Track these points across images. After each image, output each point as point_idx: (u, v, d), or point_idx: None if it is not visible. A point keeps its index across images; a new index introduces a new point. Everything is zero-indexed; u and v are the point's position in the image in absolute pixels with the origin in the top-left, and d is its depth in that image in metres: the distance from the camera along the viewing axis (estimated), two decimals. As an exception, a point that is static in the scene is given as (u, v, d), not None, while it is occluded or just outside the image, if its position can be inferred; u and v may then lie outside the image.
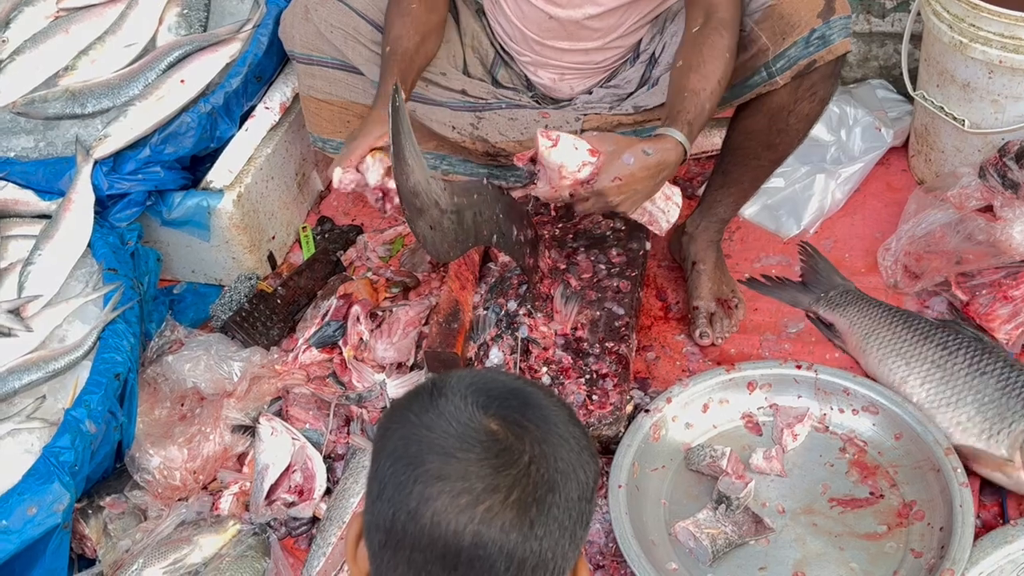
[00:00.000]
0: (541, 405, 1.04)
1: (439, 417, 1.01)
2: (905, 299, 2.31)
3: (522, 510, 0.97)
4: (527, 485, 0.98)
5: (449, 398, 1.02)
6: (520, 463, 0.98)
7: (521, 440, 1.00)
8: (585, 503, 1.03)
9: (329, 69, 2.26)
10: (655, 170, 1.82)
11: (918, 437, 1.98)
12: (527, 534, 0.97)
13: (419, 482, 0.98)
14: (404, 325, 2.26)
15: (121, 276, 2.23)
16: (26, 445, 1.98)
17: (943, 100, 2.40)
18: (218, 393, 2.22)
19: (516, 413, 1.02)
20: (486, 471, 0.97)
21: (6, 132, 2.50)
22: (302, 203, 2.77)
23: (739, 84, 2.05)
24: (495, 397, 1.03)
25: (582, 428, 1.07)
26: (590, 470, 1.04)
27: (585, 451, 1.05)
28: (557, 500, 0.99)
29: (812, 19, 1.95)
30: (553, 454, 1.01)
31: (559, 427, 1.03)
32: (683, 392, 2.10)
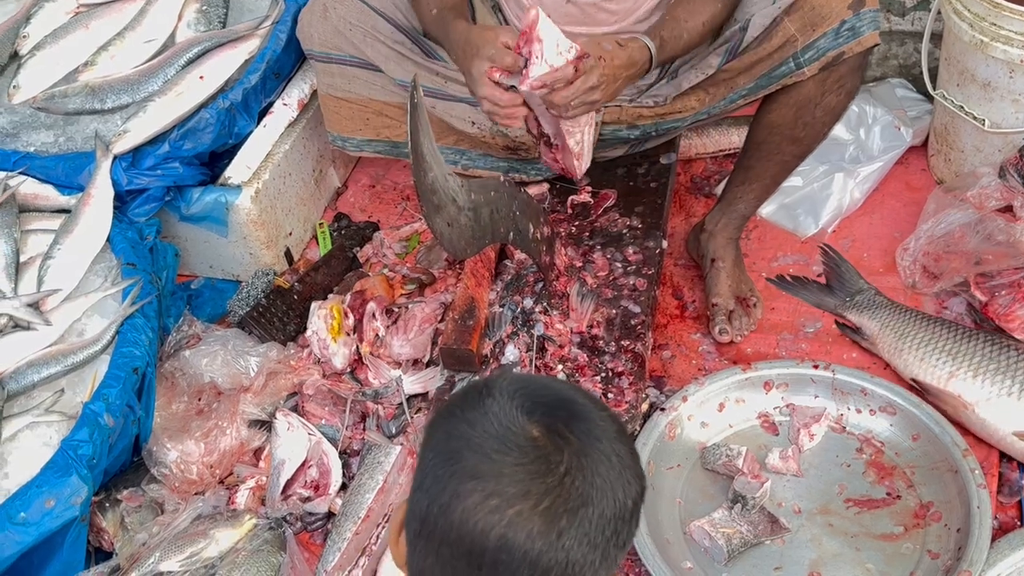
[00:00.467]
0: (588, 418, 1.04)
1: (483, 416, 1.01)
2: (924, 299, 2.30)
3: (551, 520, 0.97)
4: (559, 495, 0.98)
5: (496, 398, 1.03)
6: (556, 473, 0.98)
7: (560, 450, 1.00)
8: (622, 523, 1.02)
9: (348, 67, 2.26)
10: (627, 61, 1.87)
11: (935, 438, 1.97)
12: (553, 544, 0.97)
13: (454, 477, 0.99)
14: (420, 322, 2.27)
15: (140, 271, 2.24)
16: (44, 438, 2.00)
17: (963, 99, 2.39)
18: (235, 388, 2.23)
19: (560, 423, 1.02)
20: (520, 476, 0.98)
21: (26, 127, 2.52)
22: (319, 199, 2.78)
23: (765, 74, 2.05)
24: (542, 404, 1.03)
25: (630, 447, 1.06)
26: (631, 490, 1.04)
27: (629, 471, 1.04)
28: (589, 515, 0.99)
29: (843, 10, 1.95)
30: (592, 468, 1.00)
31: (603, 443, 1.03)
32: (699, 391, 2.10)
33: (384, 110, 2.33)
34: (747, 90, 2.11)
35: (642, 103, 2.22)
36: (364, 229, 2.70)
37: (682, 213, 2.62)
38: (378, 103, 2.34)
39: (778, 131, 2.12)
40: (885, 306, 2.23)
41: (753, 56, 2.05)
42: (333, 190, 2.85)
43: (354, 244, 2.65)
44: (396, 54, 2.20)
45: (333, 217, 2.77)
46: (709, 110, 2.18)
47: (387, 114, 2.33)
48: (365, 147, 2.39)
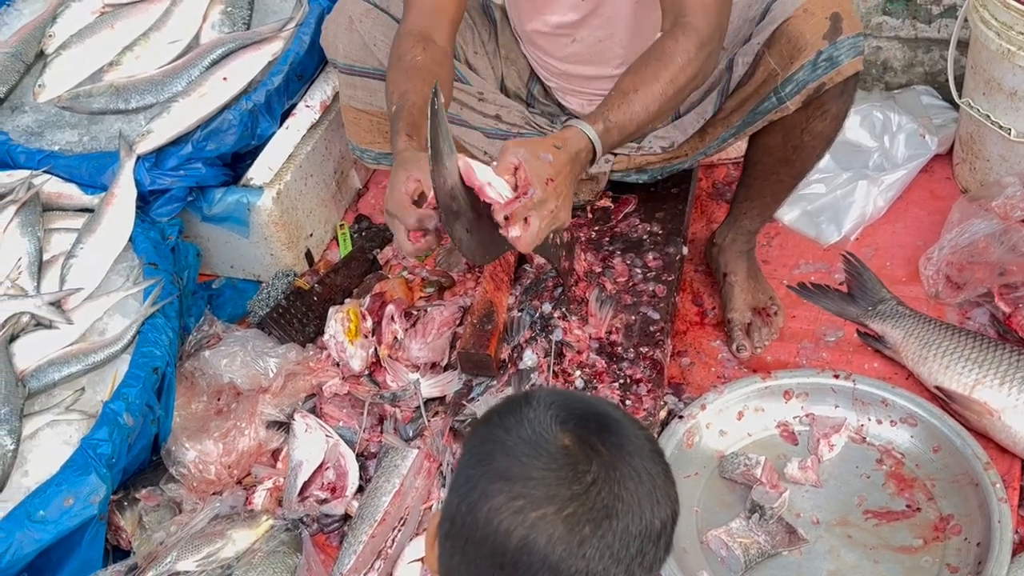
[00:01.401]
0: (622, 434, 1.05)
1: (519, 422, 1.04)
2: (947, 310, 2.28)
3: (573, 527, 0.98)
4: (584, 504, 0.99)
5: (534, 407, 1.05)
6: (583, 481, 1.00)
7: (589, 460, 1.01)
8: (648, 543, 1.03)
9: (371, 80, 2.25)
10: (571, 163, 1.67)
11: (956, 450, 1.95)
12: (574, 551, 0.98)
13: (484, 478, 1.01)
14: (439, 325, 2.27)
15: (161, 271, 2.25)
16: (64, 436, 2.01)
17: (989, 108, 2.36)
18: (254, 389, 2.23)
19: (592, 434, 1.03)
20: (548, 480, 0.99)
21: (51, 126, 2.54)
22: (340, 201, 2.78)
23: (751, 111, 2.03)
24: (576, 415, 1.05)
25: (664, 469, 1.07)
26: (660, 511, 1.04)
27: (660, 491, 1.04)
28: (613, 528, 1.00)
29: (818, 41, 1.88)
30: (620, 482, 1.01)
31: (634, 459, 1.03)
32: (718, 399, 2.09)
33: None
34: (735, 127, 2.08)
35: (651, 150, 2.21)
36: (385, 231, 2.70)
37: (703, 219, 2.61)
38: None
39: (770, 153, 2.10)
40: (908, 315, 2.21)
41: (742, 94, 2.03)
42: (354, 192, 2.86)
43: (374, 246, 2.65)
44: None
45: (354, 219, 2.78)
46: (706, 150, 2.18)
47: None
48: (383, 160, 2.39)
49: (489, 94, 2.23)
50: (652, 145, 2.21)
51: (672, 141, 2.18)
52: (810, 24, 1.89)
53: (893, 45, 2.77)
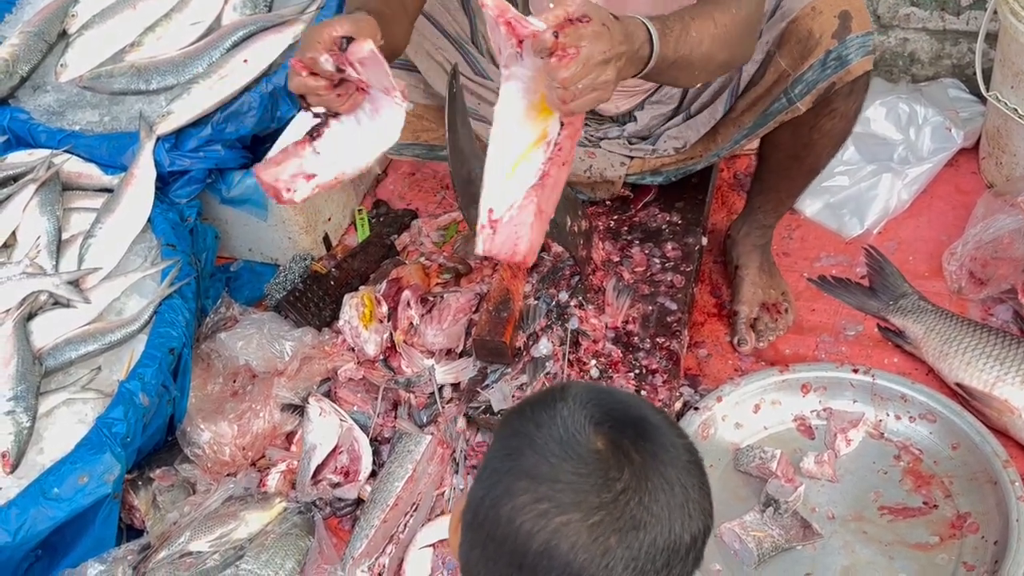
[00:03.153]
0: (658, 441, 1.01)
1: (552, 419, 1.00)
2: (969, 305, 2.25)
3: (598, 536, 0.95)
4: (611, 513, 0.96)
5: (568, 404, 1.01)
6: (612, 489, 0.96)
7: (621, 467, 0.97)
8: (676, 557, 0.99)
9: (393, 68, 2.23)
10: (626, 37, 1.43)
11: (976, 447, 1.93)
12: (596, 561, 0.95)
13: (510, 474, 0.98)
14: (454, 312, 2.26)
15: (179, 252, 2.25)
16: (80, 415, 2.02)
17: (1018, 102, 2.32)
18: (269, 371, 2.24)
19: (627, 440, 0.99)
20: (576, 485, 0.96)
21: (72, 106, 2.54)
22: (358, 186, 2.78)
23: (762, 113, 1.99)
24: (613, 417, 1.01)
25: (701, 481, 1.03)
26: (692, 525, 1.00)
27: (693, 504, 1.01)
28: (640, 540, 0.96)
29: (827, 40, 1.85)
30: (651, 493, 0.97)
31: (669, 469, 1.00)
32: (734, 391, 2.07)
33: (424, 113, 2.30)
34: (748, 129, 2.05)
35: (665, 152, 2.19)
36: (402, 217, 2.70)
37: (724, 210, 2.59)
38: (419, 106, 2.30)
39: (780, 149, 2.08)
40: (930, 311, 2.18)
41: (753, 94, 2.00)
42: (373, 177, 2.85)
43: (392, 232, 2.64)
44: (436, 65, 2.17)
45: (372, 204, 2.77)
46: (719, 152, 2.15)
47: (427, 117, 2.30)
48: (404, 151, 2.37)
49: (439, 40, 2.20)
50: (666, 146, 2.19)
51: (685, 141, 2.16)
52: (818, 22, 1.86)
53: (920, 37, 2.73)
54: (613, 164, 2.22)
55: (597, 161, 2.23)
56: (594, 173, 2.24)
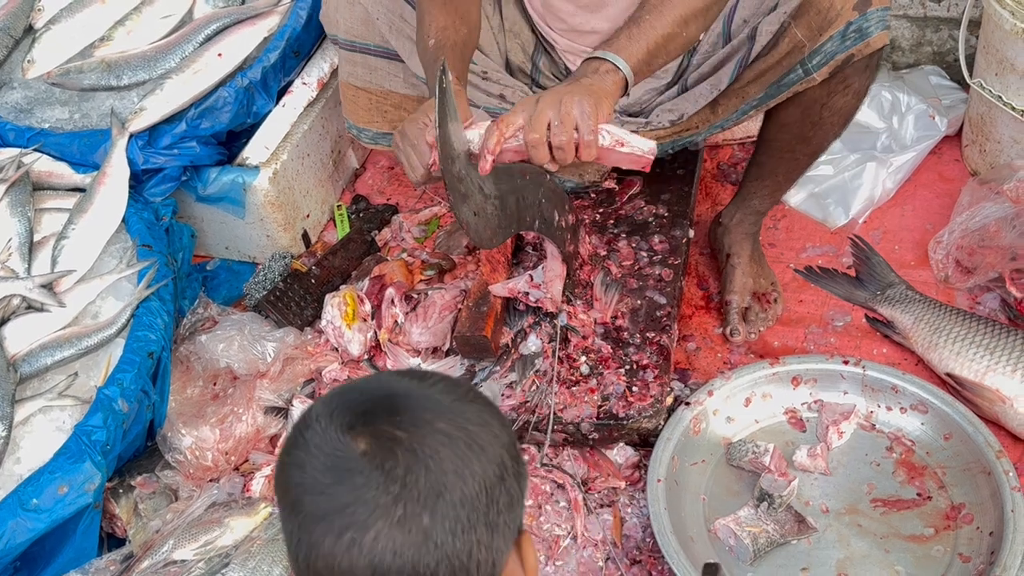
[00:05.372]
0: (413, 405, 0.97)
1: (308, 453, 0.95)
2: (956, 294, 2.25)
3: (410, 527, 0.92)
4: (409, 498, 0.92)
5: (314, 428, 0.96)
6: (396, 477, 0.92)
7: (393, 453, 0.93)
8: (495, 489, 0.96)
9: (371, 56, 2.19)
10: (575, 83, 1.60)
11: (968, 438, 1.92)
12: (423, 547, 0.92)
13: (303, 529, 0.94)
14: (440, 309, 2.22)
15: (156, 252, 2.20)
16: (57, 423, 1.97)
17: (1001, 89, 2.32)
18: (251, 373, 2.19)
19: (384, 424, 0.95)
20: (363, 496, 0.92)
21: (41, 103, 2.47)
22: (337, 181, 2.73)
23: (775, 83, 1.98)
24: (360, 412, 0.96)
25: (480, 405, 1.00)
26: (490, 455, 0.97)
27: (479, 436, 0.97)
28: (450, 500, 0.93)
29: (848, 12, 1.86)
30: (434, 456, 0.94)
31: (438, 423, 0.96)
32: (725, 385, 2.05)
33: (403, 103, 2.27)
34: (757, 100, 2.04)
35: (660, 124, 2.17)
36: (383, 212, 2.66)
37: (708, 201, 2.57)
38: (398, 96, 2.27)
39: (787, 129, 2.06)
40: (918, 300, 2.18)
41: (763, 64, 1.98)
42: (351, 171, 2.80)
43: (372, 227, 2.60)
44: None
45: (351, 199, 2.73)
46: (723, 123, 2.13)
47: (405, 108, 2.27)
48: (380, 140, 2.34)
49: (494, 73, 2.18)
50: (661, 119, 2.16)
51: (682, 113, 2.13)
52: None
53: (901, 24, 2.72)
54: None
55: None
56: None
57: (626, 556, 1.92)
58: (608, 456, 2.02)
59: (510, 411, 2.00)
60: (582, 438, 1.99)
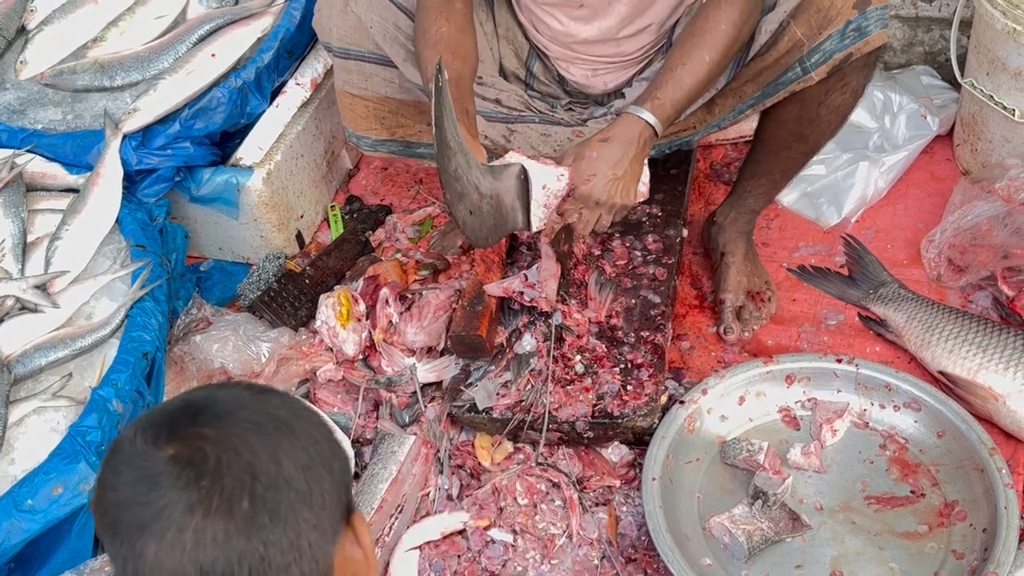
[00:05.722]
0: (213, 403, 0.99)
1: (118, 474, 0.96)
2: (949, 293, 2.26)
3: (232, 514, 0.92)
4: (224, 488, 0.92)
5: (122, 451, 0.97)
6: (207, 471, 0.93)
7: (201, 449, 0.94)
8: (317, 466, 0.97)
9: (366, 64, 2.19)
10: (621, 151, 1.83)
11: (961, 436, 1.93)
12: (251, 534, 0.92)
13: (127, 546, 0.94)
14: (434, 309, 2.23)
15: (150, 253, 2.20)
16: (52, 423, 1.96)
17: (993, 88, 2.33)
18: (246, 374, 2.19)
19: (188, 426, 0.96)
20: (177, 497, 0.92)
21: (34, 104, 2.47)
22: (331, 182, 2.73)
23: (772, 82, 1.99)
24: (163, 424, 0.97)
25: (280, 395, 1.02)
26: (304, 434, 0.99)
27: (290, 413, 1.00)
28: (267, 482, 0.94)
29: (848, 10, 1.87)
30: (242, 444, 0.95)
31: (241, 412, 0.98)
32: (719, 383, 2.06)
33: (400, 109, 2.26)
34: (754, 99, 2.05)
35: None
36: (376, 212, 2.66)
37: (701, 200, 2.57)
38: (394, 102, 2.26)
39: (784, 127, 2.07)
40: (911, 299, 2.19)
41: (760, 64, 1.99)
42: (345, 172, 2.80)
43: (366, 228, 2.60)
44: (413, 55, 2.13)
45: (345, 200, 2.73)
46: (719, 123, 2.14)
47: (402, 113, 2.27)
48: (380, 147, 2.33)
49: (488, 78, 2.18)
50: None
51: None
52: None
53: (893, 24, 2.74)
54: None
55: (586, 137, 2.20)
56: None
57: (621, 554, 1.92)
58: (603, 455, 2.02)
59: (505, 410, 2.01)
60: (577, 437, 1.99)
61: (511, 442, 2.05)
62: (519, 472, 2.00)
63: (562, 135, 2.22)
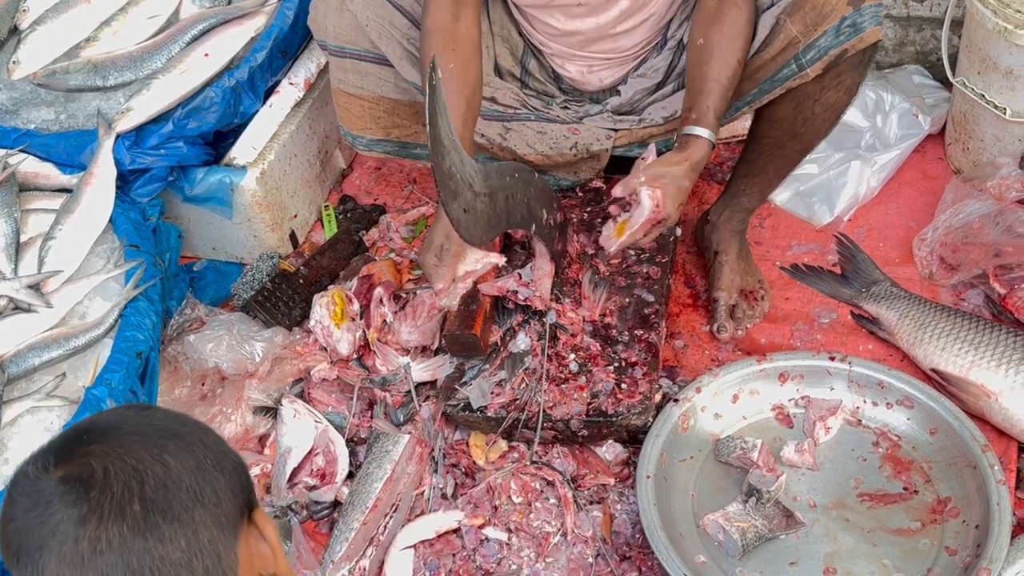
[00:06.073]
0: (100, 424, 1.03)
1: (15, 505, 0.98)
2: (941, 291, 2.27)
3: (122, 518, 0.94)
4: (113, 495, 0.95)
5: (18, 482, 1.00)
6: (95, 482, 0.95)
7: (88, 464, 0.96)
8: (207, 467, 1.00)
9: (362, 63, 2.19)
10: (694, 175, 1.89)
11: (954, 432, 1.94)
12: (146, 534, 0.95)
13: (28, 566, 0.96)
14: (428, 308, 2.22)
15: (143, 252, 2.20)
16: (45, 423, 1.96)
17: (984, 87, 2.34)
18: (240, 373, 2.19)
19: (75, 446, 0.99)
20: (69, 513, 0.94)
21: (27, 104, 2.46)
22: (324, 181, 2.73)
23: (768, 79, 2.00)
24: (51, 451, 1.00)
25: (162, 410, 1.08)
26: (189, 439, 1.02)
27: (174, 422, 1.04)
28: (156, 484, 0.96)
29: (843, 7, 1.88)
30: (127, 453, 0.97)
31: (125, 426, 1.01)
32: (713, 382, 2.07)
33: (395, 109, 2.26)
34: (751, 96, 2.05)
35: (653, 121, 2.18)
36: (370, 212, 2.66)
37: (695, 199, 2.58)
38: (389, 101, 2.26)
39: (778, 126, 2.08)
40: (903, 297, 2.20)
41: (757, 61, 2.00)
42: (338, 172, 2.80)
43: (360, 227, 2.60)
44: (409, 55, 2.13)
45: (339, 200, 2.73)
46: None
47: (398, 113, 2.26)
48: (375, 147, 2.33)
49: (484, 76, 2.18)
50: (654, 116, 2.18)
51: (675, 110, 2.14)
52: None
53: (884, 24, 2.74)
54: (599, 138, 2.20)
55: (582, 136, 2.21)
56: (580, 148, 2.22)
57: (616, 552, 1.93)
58: (597, 453, 2.03)
59: (500, 409, 2.01)
60: (571, 435, 2.00)
61: (506, 441, 2.06)
62: (514, 471, 2.01)
63: (557, 133, 2.22)
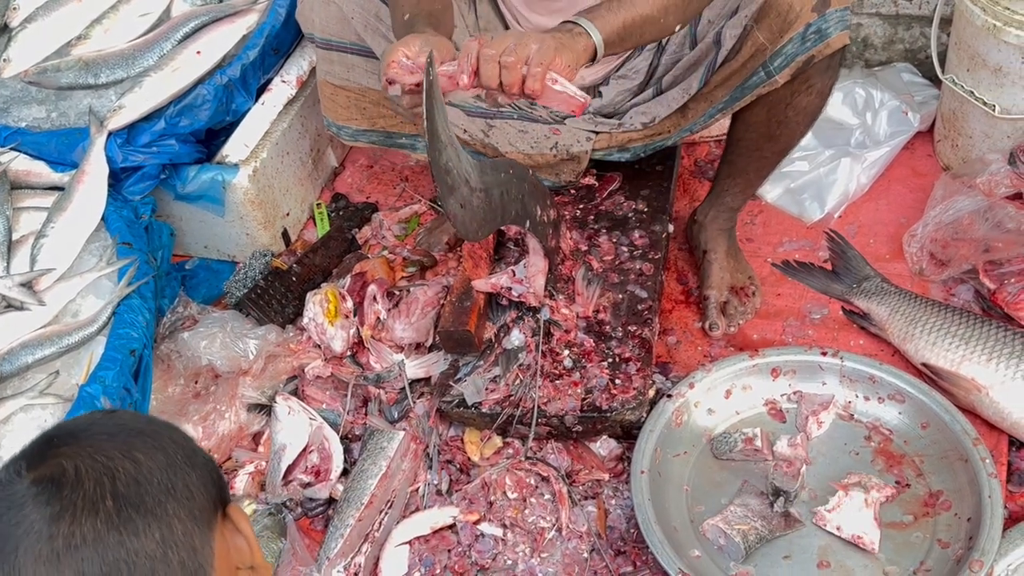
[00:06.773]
0: (69, 427, 1.04)
1: None
2: (931, 286, 2.28)
3: (95, 514, 0.95)
4: (85, 492, 0.95)
5: None
6: (67, 481, 0.95)
7: (59, 465, 0.97)
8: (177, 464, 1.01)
9: (348, 55, 2.20)
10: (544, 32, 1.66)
11: (945, 426, 1.95)
12: (121, 528, 0.95)
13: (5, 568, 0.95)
14: (422, 305, 2.23)
15: (136, 250, 2.19)
16: (39, 421, 1.96)
17: (973, 84, 2.36)
18: (233, 371, 2.19)
19: (45, 449, 0.99)
20: (42, 512, 0.95)
21: (18, 102, 2.45)
22: (316, 179, 2.73)
23: (739, 86, 2.01)
24: (23, 456, 1.00)
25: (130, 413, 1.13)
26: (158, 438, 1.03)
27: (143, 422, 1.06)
28: (127, 480, 0.97)
29: (807, 13, 1.88)
30: (97, 452, 0.98)
31: (94, 428, 1.02)
32: (706, 377, 2.07)
33: (381, 100, 2.27)
34: (724, 103, 2.06)
35: (632, 127, 2.19)
36: (362, 210, 2.66)
37: (686, 197, 2.59)
38: (375, 92, 2.27)
39: (754, 129, 2.09)
40: (894, 293, 2.21)
41: (728, 69, 2.01)
42: (331, 170, 2.80)
43: (352, 225, 2.60)
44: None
45: (331, 198, 2.73)
46: (691, 127, 2.15)
47: (384, 104, 2.27)
48: (360, 137, 2.34)
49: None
50: (633, 121, 2.19)
51: (654, 116, 2.15)
52: None
53: (874, 22, 2.77)
54: (579, 139, 2.21)
55: (562, 137, 2.22)
56: (560, 149, 2.23)
57: (611, 547, 1.93)
58: (592, 449, 2.03)
59: (494, 405, 2.01)
60: (566, 431, 2.00)
61: (500, 437, 2.06)
62: (508, 466, 2.01)
63: (539, 132, 2.24)
